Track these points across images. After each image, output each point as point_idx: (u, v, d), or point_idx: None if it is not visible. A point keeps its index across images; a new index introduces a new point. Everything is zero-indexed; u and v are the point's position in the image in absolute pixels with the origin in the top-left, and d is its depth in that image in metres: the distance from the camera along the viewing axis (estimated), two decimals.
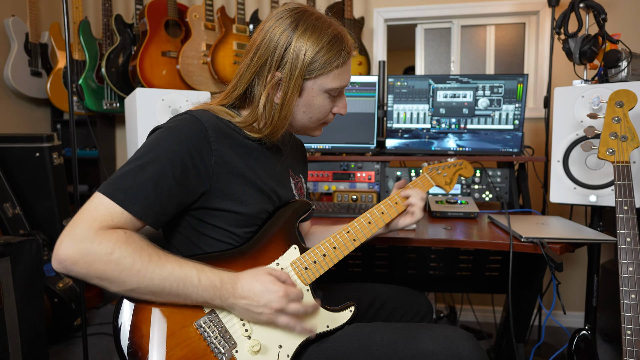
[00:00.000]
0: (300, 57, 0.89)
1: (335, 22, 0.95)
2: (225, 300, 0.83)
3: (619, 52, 1.52)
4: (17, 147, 2.33)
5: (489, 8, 2.51)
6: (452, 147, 1.95)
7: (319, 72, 0.92)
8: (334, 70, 0.93)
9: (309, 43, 0.89)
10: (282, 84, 0.91)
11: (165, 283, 0.78)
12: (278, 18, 0.92)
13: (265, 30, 0.92)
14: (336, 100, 1.01)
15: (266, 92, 0.92)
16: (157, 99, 1.66)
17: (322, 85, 0.94)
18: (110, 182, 0.81)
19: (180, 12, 2.55)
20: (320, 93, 0.95)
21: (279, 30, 0.90)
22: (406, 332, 0.91)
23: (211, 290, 0.81)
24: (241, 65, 0.96)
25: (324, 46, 0.90)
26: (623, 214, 1.20)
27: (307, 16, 0.91)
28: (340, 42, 0.93)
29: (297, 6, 0.94)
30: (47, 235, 2.40)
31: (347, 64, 0.96)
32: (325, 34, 0.91)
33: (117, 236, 0.77)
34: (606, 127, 1.27)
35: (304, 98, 0.95)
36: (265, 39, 0.91)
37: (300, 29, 0.89)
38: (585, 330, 1.20)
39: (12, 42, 2.56)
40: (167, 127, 0.88)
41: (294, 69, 0.90)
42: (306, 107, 0.96)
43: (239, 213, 0.92)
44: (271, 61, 0.90)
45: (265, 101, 0.92)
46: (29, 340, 1.67)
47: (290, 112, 0.94)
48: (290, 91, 0.91)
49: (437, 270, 1.99)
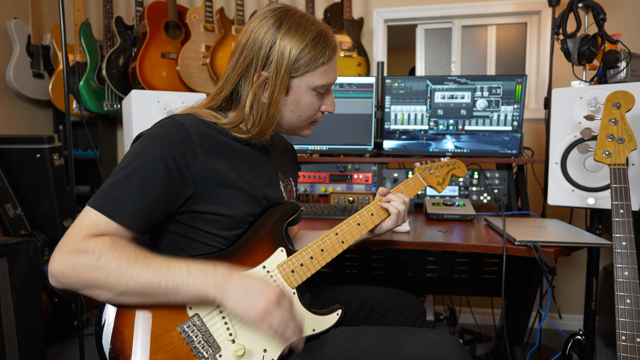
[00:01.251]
0: (286, 55, 0.89)
1: (318, 20, 0.96)
2: (219, 285, 0.80)
3: (617, 53, 1.50)
4: (18, 149, 2.35)
5: (490, 8, 2.49)
6: (450, 149, 1.94)
7: (304, 69, 0.92)
8: (320, 67, 0.93)
9: (293, 41, 0.89)
10: (269, 83, 0.91)
11: (154, 280, 0.77)
12: (262, 18, 0.92)
13: (249, 30, 0.92)
14: (324, 97, 1.00)
15: (253, 92, 0.92)
16: (152, 100, 1.66)
17: (308, 83, 0.94)
18: (98, 194, 0.81)
19: (180, 14, 2.56)
20: (308, 91, 0.95)
21: (263, 29, 0.90)
22: (391, 337, 0.90)
23: (203, 278, 0.79)
24: (227, 67, 0.96)
25: (308, 43, 0.90)
26: (619, 217, 1.18)
27: (290, 15, 0.92)
28: (325, 39, 0.93)
29: (280, 6, 0.94)
30: (47, 236, 2.42)
31: (332, 61, 0.96)
32: (309, 31, 0.91)
33: (103, 242, 0.77)
34: (603, 129, 1.25)
35: (291, 96, 0.95)
36: (250, 39, 0.91)
37: (284, 28, 0.90)
38: (579, 336, 1.18)
39: (14, 44, 2.59)
40: (149, 133, 0.88)
41: (279, 67, 0.90)
42: (294, 106, 0.96)
43: (225, 216, 0.91)
44: (257, 61, 0.90)
45: (253, 101, 0.92)
46: (27, 340, 1.68)
47: (278, 110, 0.94)
48: (277, 90, 0.91)
49: (434, 273, 1.97)
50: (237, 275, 0.83)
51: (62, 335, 2.34)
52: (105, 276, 0.76)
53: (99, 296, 0.78)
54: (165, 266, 0.79)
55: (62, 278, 0.75)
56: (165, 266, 0.79)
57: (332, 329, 0.96)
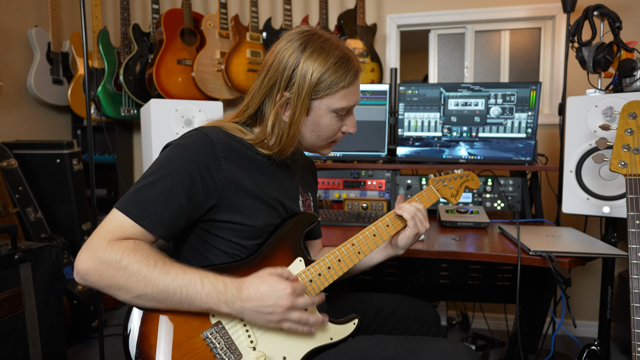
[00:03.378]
0: (307, 78, 0.92)
1: (343, 44, 0.98)
2: (232, 305, 0.83)
3: (633, 62, 1.50)
4: (39, 154, 2.42)
5: (504, 13, 2.49)
6: (464, 156, 1.94)
7: (325, 92, 0.94)
8: (341, 90, 0.96)
9: (315, 64, 0.92)
10: (291, 104, 0.95)
11: (169, 289, 0.81)
12: (288, 40, 0.95)
13: (276, 52, 0.96)
14: (345, 119, 1.03)
15: (275, 111, 0.95)
16: (171, 109, 1.70)
17: (328, 105, 0.97)
18: (125, 197, 0.86)
19: (196, 21, 2.60)
20: (328, 112, 0.98)
21: (289, 52, 0.93)
22: (408, 346, 0.92)
23: (215, 295, 0.83)
24: (253, 85, 0.99)
25: (330, 67, 0.93)
26: (635, 228, 1.18)
27: (315, 38, 0.95)
28: (347, 64, 0.95)
29: (307, 29, 0.98)
30: (66, 239, 2.48)
31: (354, 85, 0.99)
32: (331, 55, 0.94)
33: (126, 245, 0.81)
34: (618, 139, 1.25)
35: (312, 117, 0.97)
36: (275, 60, 0.95)
37: (307, 51, 0.93)
38: (594, 346, 1.19)
39: (35, 51, 2.66)
40: (177, 143, 0.92)
41: (301, 89, 0.93)
42: (314, 126, 0.99)
43: (246, 225, 0.94)
44: (280, 82, 0.94)
45: (275, 120, 0.95)
46: (49, 341, 1.73)
47: (298, 130, 0.96)
48: (298, 110, 0.94)
49: (447, 279, 1.98)
50: (246, 290, 0.84)
51: (81, 336, 2.40)
52: (126, 278, 0.79)
53: (118, 296, 0.82)
54: (182, 275, 0.82)
55: (87, 276, 0.80)
56: (181, 275, 0.82)
57: (350, 337, 0.98)
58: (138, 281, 0.80)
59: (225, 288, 0.84)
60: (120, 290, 0.81)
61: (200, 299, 0.82)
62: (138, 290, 0.80)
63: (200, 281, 0.83)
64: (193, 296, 0.82)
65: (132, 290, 0.80)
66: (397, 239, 1.15)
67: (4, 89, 2.55)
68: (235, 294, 0.84)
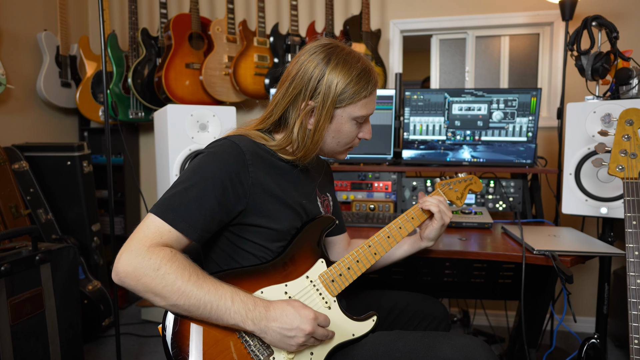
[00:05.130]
0: (332, 88, 0.99)
1: (363, 57, 1.05)
2: (258, 323, 0.88)
3: (630, 70, 1.58)
4: (50, 156, 2.47)
5: (504, 19, 2.56)
6: (467, 158, 2.02)
7: (348, 101, 1.01)
8: (362, 100, 1.03)
9: (340, 75, 0.99)
10: (315, 112, 1.01)
11: (200, 303, 0.86)
12: (312, 53, 1.01)
13: (300, 63, 1.01)
14: (362, 126, 1.10)
15: (300, 119, 1.01)
16: (186, 114, 1.76)
17: (350, 113, 1.04)
18: (160, 203, 0.91)
19: (203, 25, 2.66)
20: (349, 120, 1.05)
21: (313, 64, 1.00)
22: (426, 341, 0.99)
23: (244, 312, 0.87)
24: (277, 94, 1.05)
25: (353, 79, 1.00)
26: (632, 229, 1.25)
27: (338, 51, 1.01)
28: (368, 76, 1.02)
29: (329, 42, 1.04)
30: (77, 240, 2.53)
31: (373, 95, 1.06)
32: (354, 68, 1.00)
33: (164, 253, 0.86)
34: (616, 145, 1.33)
35: (334, 125, 1.04)
36: (300, 71, 1.01)
37: (332, 63, 0.99)
38: (594, 339, 1.26)
39: (44, 55, 2.70)
40: (209, 152, 0.98)
41: (326, 98, 0.99)
42: (335, 133, 1.06)
43: (272, 229, 1.01)
44: (305, 91, 1.00)
45: (299, 127, 1.02)
46: (68, 340, 1.79)
47: (322, 137, 1.03)
48: (323, 118, 1.01)
49: (452, 277, 2.06)
50: (273, 310, 0.90)
51: (92, 335, 2.45)
52: (162, 286, 0.84)
53: (154, 301, 0.86)
54: (214, 290, 0.87)
55: (125, 278, 0.84)
56: (213, 290, 0.87)
57: (370, 333, 1.05)
58: (173, 292, 0.84)
59: (255, 306, 0.89)
60: (156, 297, 0.85)
61: (229, 315, 0.87)
62: (172, 300, 0.85)
63: (231, 297, 0.88)
64: (222, 311, 0.87)
65: (166, 299, 0.85)
66: (425, 232, 1.24)
67: (14, 92, 2.59)
68: (262, 312, 0.89)
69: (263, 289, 0.98)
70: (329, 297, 1.04)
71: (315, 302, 1.02)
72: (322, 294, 1.04)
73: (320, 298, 1.03)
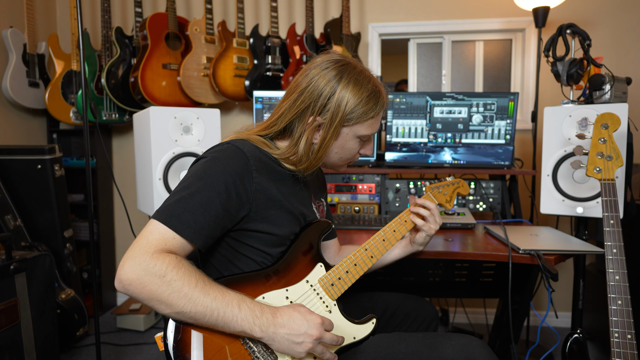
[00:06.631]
0: (342, 107, 0.99)
1: (374, 77, 1.06)
2: (265, 329, 0.87)
3: (603, 77, 1.66)
4: (18, 159, 2.35)
5: (478, 25, 2.64)
6: (448, 160, 2.07)
7: (355, 120, 1.02)
8: (369, 120, 1.04)
9: (350, 95, 0.99)
10: (323, 128, 1.01)
11: (207, 310, 0.84)
12: (324, 68, 1.01)
13: (310, 76, 1.01)
14: (365, 144, 1.12)
15: (307, 135, 1.01)
16: (169, 116, 1.71)
17: (356, 132, 1.05)
18: (163, 209, 0.88)
19: (181, 25, 2.60)
20: (353, 138, 1.06)
21: (324, 80, 0.99)
22: (427, 341, 1.01)
23: (251, 319, 0.86)
24: (284, 104, 1.04)
25: (363, 99, 1.00)
26: (609, 228, 1.32)
27: (350, 69, 1.01)
28: (377, 96, 1.03)
29: (340, 58, 1.04)
30: (48, 247, 2.42)
31: (380, 115, 1.07)
32: (365, 88, 1.01)
33: (170, 260, 0.84)
34: (593, 147, 1.40)
35: (339, 141, 1.05)
36: (310, 85, 1.00)
37: (344, 81, 0.99)
38: (577, 334, 1.32)
39: (10, 53, 2.56)
40: (212, 157, 0.96)
41: (335, 116, 0.99)
42: (339, 149, 1.07)
43: (272, 234, 1.00)
44: (314, 106, 1.00)
45: (305, 142, 1.02)
46: (44, 352, 1.71)
47: (326, 153, 1.04)
48: (329, 135, 1.01)
49: (435, 277, 2.10)
50: (280, 317, 0.89)
51: (65, 345, 2.35)
52: (168, 293, 0.82)
53: (159, 309, 0.84)
54: (221, 297, 0.86)
55: (130, 286, 0.82)
56: (220, 297, 0.86)
57: (370, 336, 1.06)
58: (179, 299, 0.82)
59: (262, 313, 0.88)
60: (161, 304, 0.83)
61: (236, 322, 0.85)
62: (178, 307, 0.83)
63: (238, 304, 0.86)
64: (229, 318, 0.85)
65: (172, 306, 0.83)
66: (415, 237, 1.26)
67: None
68: (270, 319, 0.88)
69: (265, 294, 0.97)
70: (329, 301, 1.04)
71: (316, 306, 1.02)
72: (323, 298, 1.04)
73: (321, 302, 1.03)
